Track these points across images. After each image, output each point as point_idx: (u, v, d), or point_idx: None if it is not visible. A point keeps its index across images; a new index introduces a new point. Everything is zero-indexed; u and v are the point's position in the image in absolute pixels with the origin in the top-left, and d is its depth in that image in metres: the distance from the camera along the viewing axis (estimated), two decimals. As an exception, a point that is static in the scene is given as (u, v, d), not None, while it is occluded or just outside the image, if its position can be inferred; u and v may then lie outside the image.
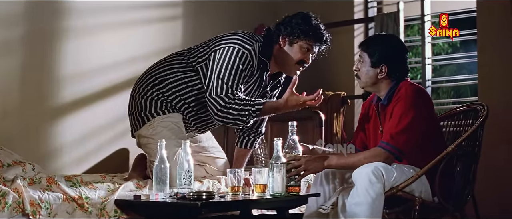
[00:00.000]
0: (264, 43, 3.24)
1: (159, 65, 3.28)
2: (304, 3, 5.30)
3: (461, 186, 3.06)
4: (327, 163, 2.94)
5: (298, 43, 3.23)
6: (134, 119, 3.24)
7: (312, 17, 3.27)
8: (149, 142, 3.18)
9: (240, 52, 3.13)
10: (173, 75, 3.21)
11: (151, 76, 3.25)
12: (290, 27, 3.23)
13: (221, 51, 3.14)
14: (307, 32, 3.21)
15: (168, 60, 3.29)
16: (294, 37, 3.22)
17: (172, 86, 3.20)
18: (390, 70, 3.00)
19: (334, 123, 4.77)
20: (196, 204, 2.62)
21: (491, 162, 4.03)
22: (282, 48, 3.26)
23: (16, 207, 2.64)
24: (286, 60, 3.26)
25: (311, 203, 3.05)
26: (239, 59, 3.12)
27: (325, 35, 3.26)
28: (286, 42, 3.25)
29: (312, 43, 3.24)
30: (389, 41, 3.06)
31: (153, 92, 3.20)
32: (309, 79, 5.28)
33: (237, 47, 3.14)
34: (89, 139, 4.13)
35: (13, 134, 3.78)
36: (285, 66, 3.29)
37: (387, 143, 2.86)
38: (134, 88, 3.32)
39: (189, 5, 4.79)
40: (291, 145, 2.95)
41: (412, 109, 2.88)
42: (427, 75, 4.83)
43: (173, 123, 3.19)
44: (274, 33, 3.28)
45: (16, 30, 3.84)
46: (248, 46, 3.16)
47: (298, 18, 3.26)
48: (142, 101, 3.21)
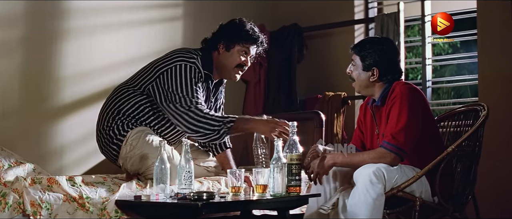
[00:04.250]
0: (203, 55, 3.32)
1: (110, 101, 3.33)
2: (305, 3, 5.32)
3: (461, 186, 3.06)
4: (332, 160, 2.94)
5: (235, 47, 3.32)
6: (110, 151, 3.27)
7: (246, 22, 3.36)
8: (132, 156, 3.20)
9: (187, 67, 3.21)
10: (126, 104, 3.27)
11: (107, 112, 3.30)
12: (226, 34, 3.33)
13: (169, 72, 3.20)
14: (242, 36, 3.30)
15: (117, 94, 3.33)
16: (230, 42, 3.31)
17: (129, 113, 3.26)
18: (382, 73, 3.01)
19: (335, 123, 4.77)
20: (196, 205, 2.62)
21: (491, 162, 4.04)
22: (221, 55, 3.34)
23: (17, 208, 2.64)
24: (226, 65, 3.33)
25: (311, 203, 3.05)
26: (190, 73, 3.20)
27: (260, 37, 3.34)
28: (223, 48, 3.33)
29: (248, 45, 3.32)
30: (380, 44, 3.05)
31: (117, 121, 3.25)
32: (310, 79, 5.30)
33: (183, 64, 3.21)
34: (89, 139, 4.13)
35: (13, 134, 3.79)
36: (225, 71, 3.36)
37: (389, 143, 2.86)
38: (97, 130, 3.34)
39: (189, 6, 4.80)
40: (292, 145, 2.95)
41: (409, 107, 2.88)
42: (427, 75, 4.83)
43: (144, 132, 3.23)
44: (210, 42, 3.37)
45: (16, 30, 3.84)
46: (192, 60, 3.24)
47: (233, 24, 3.36)
48: (109, 132, 3.26)
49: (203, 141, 3.25)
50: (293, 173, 2.91)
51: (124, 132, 3.23)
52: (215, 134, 3.15)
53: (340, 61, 4.96)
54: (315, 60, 5.25)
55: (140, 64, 3.99)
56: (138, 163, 3.18)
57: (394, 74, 3.04)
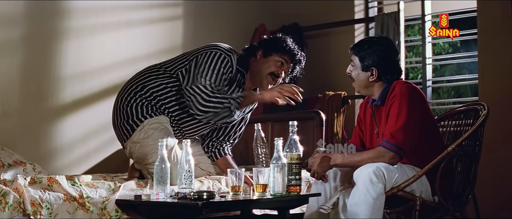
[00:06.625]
0: (241, 56, 3.39)
1: (139, 75, 3.37)
2: (305, 2, 5.32)
3: (461, 186, 3.06)
4: (332, 162, 2.94)
5: (272, 56, 3.36)
6: (122, 128, 3.28)
7: (288, 38, 3.42)
8: (143, 144, 3.21)
9: (222, 56, 3.26)
10: (153, 81, 3.31)
11: (132, 85, 3.33)
12: (267, 43, 3.41)
13: (203, 56, 3.26)
14: (282, 47, 3.36)
15: (147, 71, 3.39)
16: (269, 50, 3.36)
17: (154, 91, 3.28)
18: (381, 73, 3.02)
19: (335, 123, 4.77)
20: (196, 204, 2.62)
21: (491, 161, 4.04)
22: (257, 60, 3.39)
23: (17, 207, 2.64)
24: (260, 71, 3.37)
25: (312, 203, 3.05)
26: (221, 62, 3.24)
27: (299, 53, 3.39)
28: (261, 55, 3.38)
29: (286, 58, 3.36)
30: (379, 44, 3.05)
31: (137, 99, 3.28)
32: (310, 79, 5.30)
33: (218, 52, 3.26)
34: (89, 139, 4.14)
35: (13, 134, 3.79)
36: (258, 77, 3.38)
37: (388, 141, 2.86)
38: (116, 100, 3.38)
39: (189, 5, 4.80)
40: (292, 145, 2.95)
41: (408, 106, 2.88)
42: (427, 75, 4.83)
43: (161, 124, 3.25)
44: (250, 48, 3.44)
45: (16, 30, 3.84)
46: (229, 52, 3.30)
47: (275, 37, 3.45)
48: (127, 109, 3.27)
49: (214, 120, 3.25)
50: (293, 173, 2.91)
51: (142, 117, 3.24)
52: (225, 110, 3.18)
53: (340, 60, 4.96)
54: (315, 60, 5.24)
55: (140, 64, 4.00)
56: (146, 154, 3.19)
57: (393, 74, 3.04)
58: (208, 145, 3.56)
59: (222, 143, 3.57)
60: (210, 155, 3.56)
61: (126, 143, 3.28)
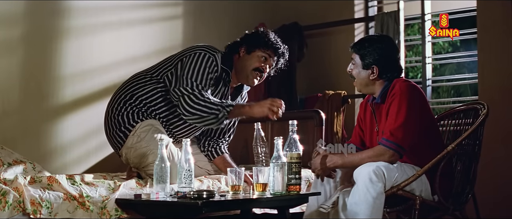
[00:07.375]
0: (225, 54, 3.40)
1: (126, 85, 3.38)
2: (305, 2, 5.32)
3: (461, 185, 3.06)
4: (333, 164, 2.95)
5: (256, 52, 3.38)
6: (115, 137, 3.30)
7: (270, 32, 3.43)
8: (137, 148, 3.22)
9: (206, 56, 3.27)
10: (140, 89, 3.32)
11: (121, 94, 3.34)
12: (249, 39, 3.42)
13: (187, 58, 3.27)
14: (264, 42, 3.37)
15: (133, 79, 3.40)
16: (252, 46, 3.38)
17: (142, 99, 3.30)
18: (382, 71, 3.02)
19: (335, 122, 4.77)
20: (196, 203, 2.63)
21: (491, 161, 4.04)
22: (241, 57, 3.41)
23: (17, 206, 2.64)
24: (244, 67, 3.38)
25: (311, 202, 3.05)
26: (206, 62, 3.26)
27: (281, 47, 3.41)
28: (244, 52, 3.40)
29: (269, 53, 3.38)
30: (379, 42, 3.06)
31: (127, 108, 3.29)
32: (310, 78, 5.30)
33: (202, 52, 3.28)
34: (89, 138, 4.14)
35: (13, 133, 3.79)
36: (243, 73, 3.40)
37: (387, 139, 2.86)
38: (107, 111, 3.39)
39: (189, 5, 4.80)
40: (292, 144, 2.95)
41: (408, 104, 2.88)
42: (427, 74, 4.83)
43: (153, 126, 3.26)
44: (233, 46, 3.45)
45: (16, 30, 3.84)
46: (213, 52, 3.31)
47: (257, 32, 3.45)
48: (118, 118, 3.29)
49: (200, 124, 3.26)
50: (293, 172, 2.91)
51: (133, 122, 3.25)
52: (213, 117, 3.17)
53: (340, 60, 4.96)
54: (315, 59, 5.25)
55: (140, 63, 4.01)
56: (142, 156, 3.20)
57: (394, 72, 3.04)
58: (204, 144, 3.57)
59: (218, 141, 3.57)
60: (207, 154, 3.57)
61: (121, 151, 3.29)
